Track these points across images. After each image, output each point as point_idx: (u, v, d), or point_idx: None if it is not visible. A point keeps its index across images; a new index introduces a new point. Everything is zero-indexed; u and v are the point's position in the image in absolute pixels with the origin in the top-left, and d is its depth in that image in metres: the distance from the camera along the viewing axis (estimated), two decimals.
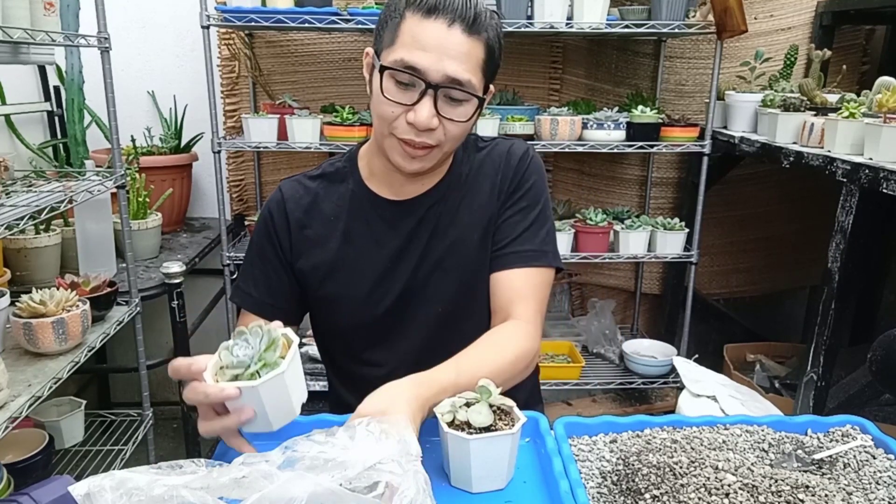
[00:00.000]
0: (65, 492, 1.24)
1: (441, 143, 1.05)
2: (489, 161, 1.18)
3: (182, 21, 2.55)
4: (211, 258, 2.42)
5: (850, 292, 1.68)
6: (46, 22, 1.57)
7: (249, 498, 0.72)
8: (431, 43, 0.99)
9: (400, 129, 1.03)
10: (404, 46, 1.00)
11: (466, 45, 1.00)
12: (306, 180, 1.20)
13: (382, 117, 1.04)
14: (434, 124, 1.02)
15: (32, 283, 1.83)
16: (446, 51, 0.99)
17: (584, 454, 0.93)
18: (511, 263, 1.14)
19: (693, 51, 2.57)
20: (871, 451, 0.93)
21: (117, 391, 2.82)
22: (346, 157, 1.22)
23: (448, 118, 1.03)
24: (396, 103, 1.02)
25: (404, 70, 1.00)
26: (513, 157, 1.18)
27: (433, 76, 0.99)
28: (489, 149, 1.20)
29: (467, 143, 1.20)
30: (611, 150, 2.26)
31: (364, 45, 2.54)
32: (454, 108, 1.03)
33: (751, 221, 2.77)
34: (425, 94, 1.00)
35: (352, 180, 1.18)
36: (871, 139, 1.62)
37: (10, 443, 1.65)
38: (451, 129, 1.04)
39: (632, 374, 2.50)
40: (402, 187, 1.16)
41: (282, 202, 1.18)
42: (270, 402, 0.81)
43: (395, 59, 1.00)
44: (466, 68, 1.00)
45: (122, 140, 1.87)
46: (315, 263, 1.15)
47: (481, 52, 1.03)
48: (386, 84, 1.02)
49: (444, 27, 0.99)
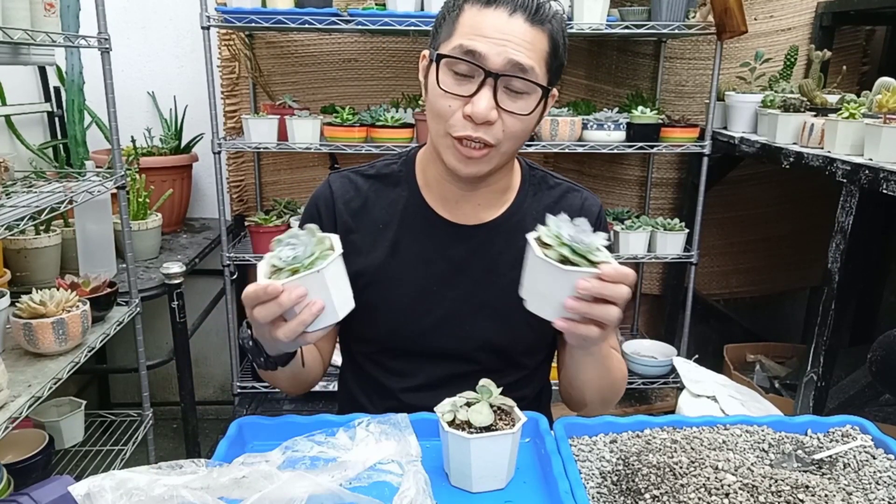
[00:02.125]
0: (65, 492, 1.24)
1: (499, 142, 0.98)
2: (559, 211, 1.12)
3: (182, 22, 2.55)
4: (211, 259, 2.42)
5: (850, 293, 1.69)
6: (47, 23, 1.57)
7: (249, 498, 0.72)
8: (491, 30, 0.94)
9: (457, 125, 0.97)
10: (463, 35, 0.95)
11: (529, 33, 0.95)
12: (359, 179, 1.14)
13: (439, 114, 0.98)
14: (493, 117, 0.95)
15: (32, 283, 1.83)
16: (508, 38, 0.94)
17: (584, 454, 0.93)
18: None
19: (693, 51, 2.57)
20: (871, 451, 0.93)
21: (117, 391, 2.82)
22: (403, 160, 1.15)
23: (508, 111, 0.96)
24: (454, 95, 0.96)
25: (463, 57, 0.94)
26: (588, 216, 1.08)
27: (494, 62, 0.94)
28: (559, 195, 1.15)
29: (535, 178, 1.15)
30: (611, 150, 2.26)
31: (364, 45, 2.54)
32: (515, 101, 0.97)
33: (751, 222, 2.77)
34: (484, 83, 0.94)
35: (406, 187, 1.12)
36: (871, 140, 1.62)
37: (10, 443, 1.65)
38: (511, 124, 0.97)
39: (632, 375, 2.49)
40: (458, 206, 1.09)
41: (331, 201, 1.12)
42: (334, 288, 0.82)
43: (454, 46, 0.95)
44: (530, 56, 0.95)
45: (122, 141, 1.87)
46: (358, 270, 1.06)
47: (545, 43, 0.97)
48: (443, 76, 0.97)
49: (505, 15, 0.94)
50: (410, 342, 1.11)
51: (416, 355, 1.12)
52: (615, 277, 0.80)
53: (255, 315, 0.82)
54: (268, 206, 2.63)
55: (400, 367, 1.14)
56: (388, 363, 1.15)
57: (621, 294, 0.81)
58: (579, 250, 0.80)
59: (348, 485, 0.83)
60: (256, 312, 0.81)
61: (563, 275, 0.79)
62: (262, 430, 0.97)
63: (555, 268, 0.79)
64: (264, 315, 0.81)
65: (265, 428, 0.97)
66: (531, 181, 1.15)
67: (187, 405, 2.03)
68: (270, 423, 0.98)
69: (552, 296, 0.81)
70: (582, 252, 0.80)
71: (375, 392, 1.16)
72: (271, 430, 0.97)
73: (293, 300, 0.79)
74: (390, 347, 1.13)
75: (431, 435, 0.95)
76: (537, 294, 0.83)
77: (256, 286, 0.80)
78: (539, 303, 0.83)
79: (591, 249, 0.81)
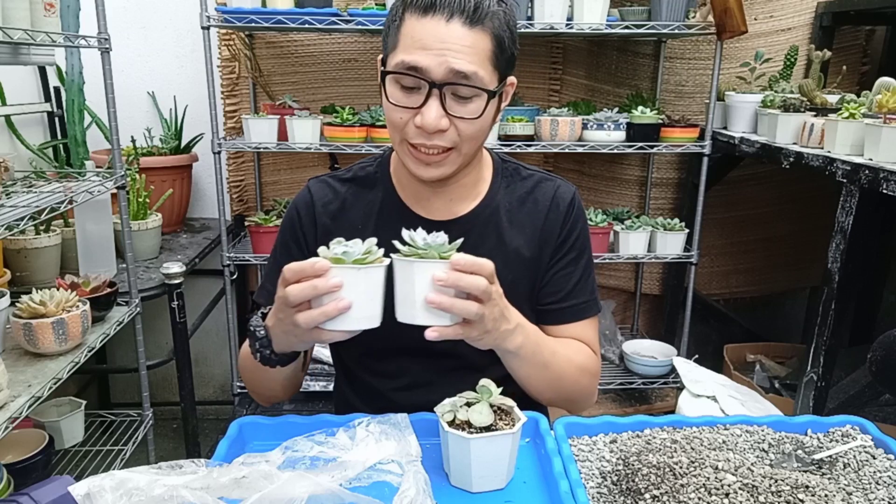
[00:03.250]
0: (65, 492, 1.24)
1: (457, 145, 1.01)
2: (532, 202, 1.14)
3: (182, 22, 2.55)
4: (211, 259, 2.42)
5: (849, 293, 1.69)
6: (47, 23, 1.57)
7: (249, 498, 0.72)
8: (431, 40, 0.95)
9: (411, 133, 1.00)
10: (405, 48, 0.97)
11: (469, 37, 0.96)
12: (336, 183, 1.17)
13: (393, 124, 1.02)
14: (444, 125, 0.97)
15: (32, 283, 1.83)
16: (447, 46, 0.95)
17: (584, 454, 0.93)
18: (566, 318, 1.13)
19: (693, 51, 2.57)
20: (871, 451, 0.93)
21: (117, 391, 2.82)
22: (378, 161, 1.18)
23: (458, 116, 0.98)
24: (403, 108, 0.99)
25: (406, 72, 0.96)
26: (560, 203, 1.14)
27: (436, 74, 0.95)
28: (532, 185, 1.16)
29: (507, 170, 1.17)
30: (611, 150, 2.26)
31: (364, 45, 2.54)
32: (463, 106, 0.98)
33: (751, 222, 2.77)
34: (430, 94, 0.96)
35: (382, 188, 1.14)
36: (871, 140, 1.62)
37: (10, 443, 1.65)
38: (464, 128, 0.99)
39: (632, 375, 2.50)
40: (430, 203, 1.12)
41: (310, 204, 1.15)
42: (366, 294, 0.83)
43: (397, 62, 0.97)
44: (471, 61, 0.96)
45: (122, 141, 1.87)
46: None
47: (488, 43, 0.98)
48: (390, 90, 0.99)
49: (442, 23, 0.95)
50: (391, 340, 1.10)
51: (400, 354, 1.13)
52: (468, 267, 0.82)
53: (287, 293, 0.83)
54: (268, 206, 2.63)
55: (386, 368, 1.15)
56: (374, 365, 1.16)
57: (478, 285, 0.83)
58: (432, 246, 0.84)
59: (348, 485, 0.83)
60: (290, 290, 0.83)
61: (417, 268, 0.82)
62: (262, 430, 0.97)
63: (408, 263, 0.82)
64: (297, 294, 0.82)
65: (265, 428, 0.97)
66: (503, 173, 1.17)
67: (187, 405, 2.03)
68: (270, 423, 0.98)
69: (414, 296, 0.83)
70: (435, 248, 0.84)
71: (368, 395, 1.17)
72: (271, 430, 0.97)
73: (328, 287, 0.81)
74: (374, 348, 1.14)
75: (431, 435, 0.95)
76: (402, 300, 0.85)
77: (303, 263, 0.83)
78: (404, 308, 0.85)
79: (445, 249, 0.84)
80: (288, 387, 1.11)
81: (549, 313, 1.13)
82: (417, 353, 1.11)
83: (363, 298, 0.83)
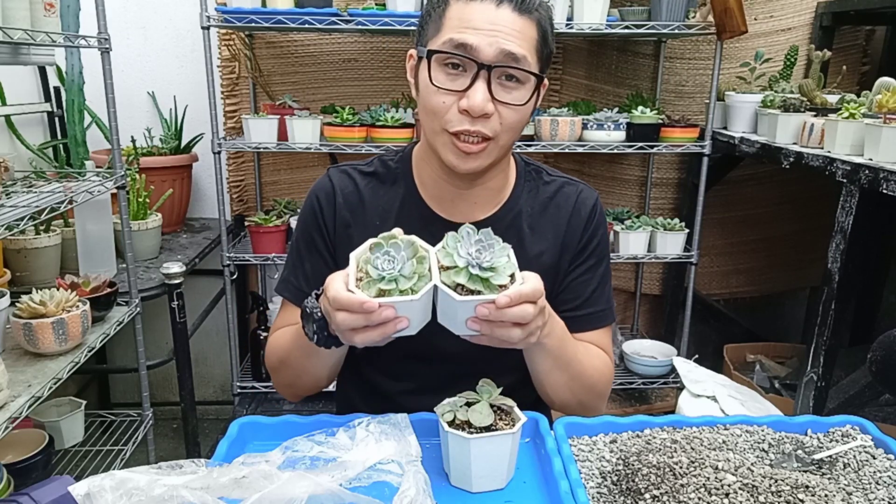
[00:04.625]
0: (65, 492, 1.25)
1: (497, 135, 0.98)
2: (554, 207, 1.12)
3: (182, 22, 2.55)
4: (211, 259, 2.42)
5: (849, 293, 1.69)
6: (47, 23, 1.57)
7: (249, 498, 0.72)
8: (480, 22, 0.93)
9: (453, 121, 0.96)
10: (452, 29, 0.94)
11: (518, 23, 0.94)
12: (357, 175, 1.14)
13: (433, 111, 0.97)
14: (490, 109, 0.94)
15: (32, 283, 1.83)
16: (498, 28, 0.93)
17: (584, 454, 0.93)
18: (582, 326, 1.11)
19: (693, 51, 2.57)
20: (871, 451, 0.93)
21: (117, 391, 2.82)
22: (400, 157, 1.15)
23: (504, 102, 0.95)
24: (448, 91, 0.95)
25: (454, 51, 0.93)
26: (582, 209, 1.12)
27: (486, 54, 0.92)
28: (555, 190, 1.14)
29: (529, 174, 1.15)
30: (611, 150, 2.26)
31: (364, 45, 2.54)
32: (510, 92, 0.96)
33: (751, 222, 2.77)
34: (478, 76, 0.93)
35: (403, 184, 1.12)
36: (871, 140, 1.62)
37: (10, 443, 1.65)
38: (508, 115, 0.97)
39: (632, 375, 2.50)
40: (453, 205, 1.09)
41: (332, 194, 1.12)
42: (421, 310, 0.83)
43: (444, 41, 0.94)
44: (521, 45, 0.94)
45: (122, 141, 1.87)
46: None
47: (534, 31, 0.96)
48: (435, 73, 0.96)
49: (492, 6, 0.93)
50: (405, 342, 1.11)
51: (412, 357, 1.11)
52: (510, 304, 0.80)
53: (337, 319, 0.81)
54: (268, 206, 2.63)
55: (397, 370, 1.13)
56: (384, 366, 1.14)
57: (522, 315, 0.81)
58: (478, 274, 0.81)
59: (348, 485, 0.83)
60: (340, 318, 0.81)
61: (461, 306, 0.81)
62: (262, 430, 0.97)
63: (449, 295, 0.80)
64: (348, 323, 0.81)
65: (265, 428, 0.97)
66: (526, 177, 1.15)
67: (187, 405, 2.03)
68: (270, 423, 0.98)
69: (455, 316, 0.83)
70: (480, 276, 0.81)
71: (373, 396, 1.16)
72: (271, 430, 0.97)
73: (382, 318, 0.79)
74: (386, 348, 1.12)
75: (431, 435, 0.95)
76: (441, 311, 0.85)
77: (351, 299, 0.79)
78: (444, 318, 0.85)
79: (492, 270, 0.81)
80: (334, 371, 1.09)
81: (565, 321, 1.09)
82: (430, 357, 1.10)
83: (418, 316, 0.83)
